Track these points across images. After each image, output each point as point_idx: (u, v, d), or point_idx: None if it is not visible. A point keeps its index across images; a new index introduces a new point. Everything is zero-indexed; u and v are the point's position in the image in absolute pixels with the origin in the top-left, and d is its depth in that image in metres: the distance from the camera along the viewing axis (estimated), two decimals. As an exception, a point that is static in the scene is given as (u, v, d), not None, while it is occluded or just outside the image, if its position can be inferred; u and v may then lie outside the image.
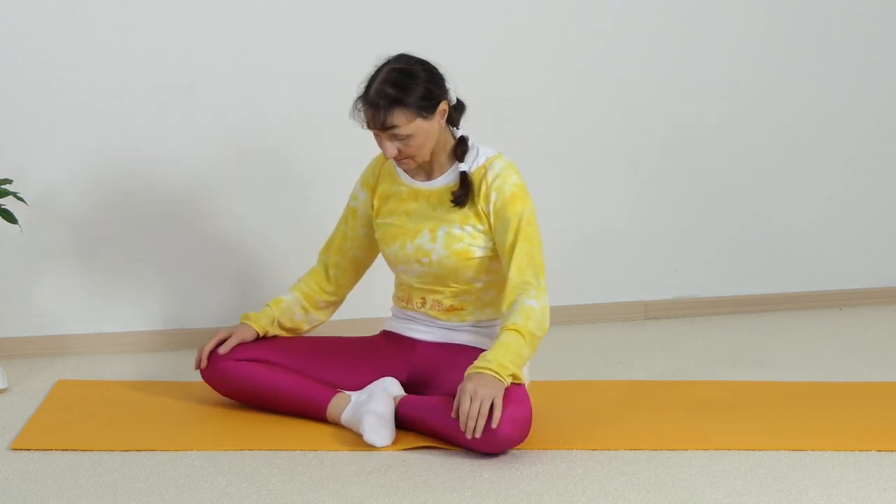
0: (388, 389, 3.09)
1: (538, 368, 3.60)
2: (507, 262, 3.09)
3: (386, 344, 3.29)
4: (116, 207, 3.96)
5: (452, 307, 3.20)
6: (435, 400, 3.05)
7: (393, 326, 3.31)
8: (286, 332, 3.33)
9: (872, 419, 3.25)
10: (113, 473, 2.81)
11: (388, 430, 2.99)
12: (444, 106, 3.08)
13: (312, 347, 3.28)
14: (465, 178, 3.13)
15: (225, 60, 3.99)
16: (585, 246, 4.44)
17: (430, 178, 3.19)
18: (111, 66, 3.90)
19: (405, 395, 3.11)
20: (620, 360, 3.92)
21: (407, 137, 3.05)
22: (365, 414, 3.01)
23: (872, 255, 4.75)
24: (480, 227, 3.13)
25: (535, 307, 3.03)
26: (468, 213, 3.14)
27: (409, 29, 4.10)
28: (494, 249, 3.14)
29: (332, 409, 3.12)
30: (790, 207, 4.64)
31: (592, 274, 4.46)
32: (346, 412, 3.08)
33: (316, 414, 3.14)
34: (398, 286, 3.31)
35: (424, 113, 3.04)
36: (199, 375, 3.37)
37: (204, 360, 3.24)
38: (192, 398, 3.37)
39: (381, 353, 3.27)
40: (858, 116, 4.67)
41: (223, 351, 3.22)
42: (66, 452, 2.95)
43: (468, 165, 3.14)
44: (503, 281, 3.13)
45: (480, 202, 3.12)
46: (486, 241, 3.14)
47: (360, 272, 3.38)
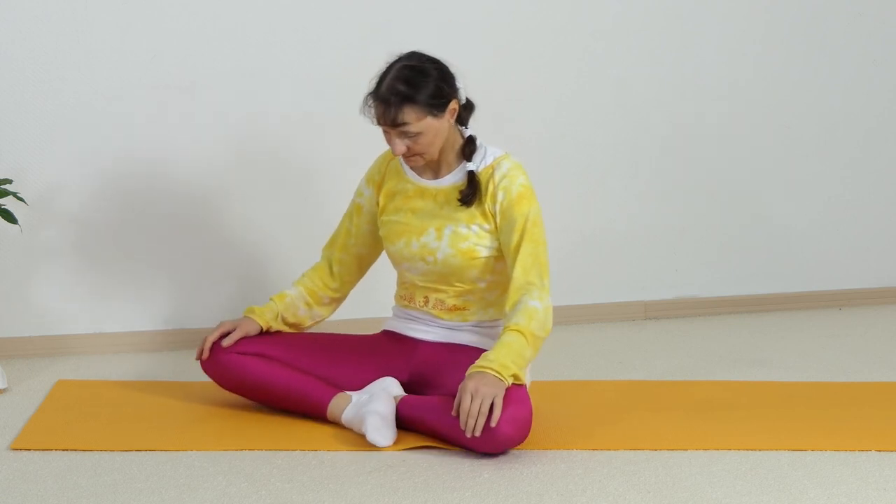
0: (388, 389, 3.09)
1: (538, 369, 3.60)
2: (511, 262, 3.09)
3: (388, 343, 3.29)
4: (116, 207, 3.96)
5: (455, 307, 3.20)
6: (435, 400, 3.05)
7: (394, 326, 3.31)
8: (289, 327, 3.33)
9: (872, 419, 3.25)
10: (113, 473, 2.81)
11: (390, 430, 2.99)
12: (454, 105, 3.08)
13: (315, 344, 3.27)
14: (472, 177, 3.12)
15: (225, 60, 3.99)
16: (585, 246, 4.43)
17: (437, 176, 3.19)
18: (111, 66, 3.90)
19: (405, 395, 3.12)
20: (620, 360, 3.92)
21: (416, 135, 3.04)
22: (367, 414, 3.01)
23: (872, 255, 4.75)
24: (487, 226, 3.13)
25: (538, 308, 3.02)
26: (475, 212, 3.13)
27: (409, 29, 4.10)
28: (500, 249, 3.14)
29: (332, 408, 3.12)
30: (790, 207, 4.64)
31: (592, 274, 4.46)
32: (346, 412, 3.08)
33: (316, 412, 3.14)
34: (401, 284, 3.30)
35: (435, 111, 3.04)
36: (199, 374, 3.36)
37: (206, 350, 3.23)
38: (192, 398, 3.37)
39: (382, 351, 3.27)
40: (858, 116, 4.67)
41: (227, 344, 3.21)
42: (66, 452, 2.95)
43: (476, 165, 3.13)
44: (507, 281, 3.13)
45: (487, 202, 3.12)
46: (491, 240, 3.14)
47: (363, 269, 3.38)
